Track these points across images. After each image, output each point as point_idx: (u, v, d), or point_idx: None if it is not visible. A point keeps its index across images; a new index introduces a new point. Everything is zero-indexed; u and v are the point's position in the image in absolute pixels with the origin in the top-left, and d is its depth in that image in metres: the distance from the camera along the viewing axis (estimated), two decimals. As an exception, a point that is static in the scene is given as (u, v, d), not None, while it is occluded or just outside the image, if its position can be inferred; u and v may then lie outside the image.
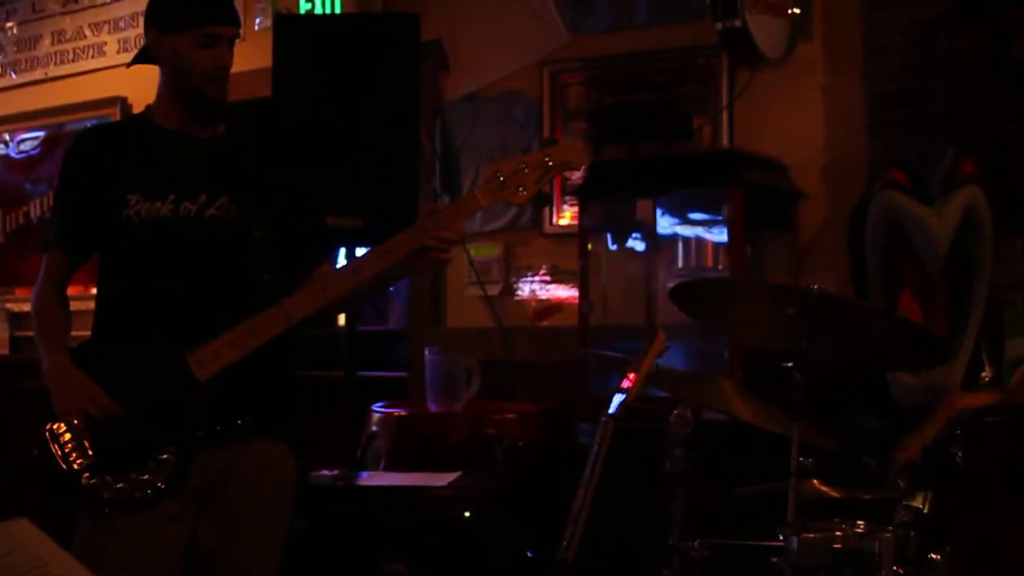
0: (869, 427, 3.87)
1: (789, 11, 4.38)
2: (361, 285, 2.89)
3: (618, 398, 2.59)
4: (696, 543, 3.00)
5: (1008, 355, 4.05)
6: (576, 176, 4.61)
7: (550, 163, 2.86)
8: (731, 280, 3.92)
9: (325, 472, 3.94)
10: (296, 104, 3.91)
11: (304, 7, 5.47)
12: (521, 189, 2.85)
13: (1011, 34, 4.28)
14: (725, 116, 4.71)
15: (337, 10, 5.38)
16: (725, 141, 4.70)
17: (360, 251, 3.86)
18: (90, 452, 2.80)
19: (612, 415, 2.56)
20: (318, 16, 5.27)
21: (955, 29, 4.37)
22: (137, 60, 3.11)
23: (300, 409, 3.11)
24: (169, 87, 3.00)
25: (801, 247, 4.53)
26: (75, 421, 2.78)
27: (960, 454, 3.03)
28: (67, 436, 2.81)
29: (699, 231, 4.62)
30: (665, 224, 4.61)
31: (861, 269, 4.04)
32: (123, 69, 6.25)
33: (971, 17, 4.35)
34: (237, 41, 3.00)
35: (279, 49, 3.96)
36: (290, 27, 4.16)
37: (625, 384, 2.61)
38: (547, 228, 5.17)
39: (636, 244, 4.75)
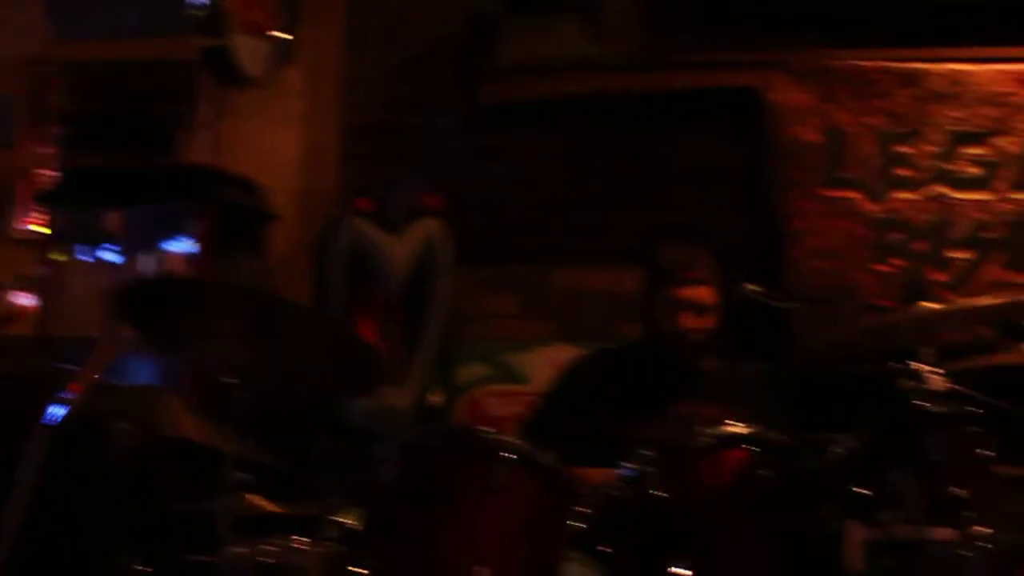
0: (319, 445, 3.96)
1: (274, 34, 4.45)
2: None
3: (59, 409, 2.55)
4: (139, 559, 2.97)
5: (459, 380, 4.29)
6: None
7: None
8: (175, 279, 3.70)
9: None
10: None
11: None
12: None
13: (480, 79, 4.56)
14: (204, 133, 4.70)
15: None
16: (203, 158, 4.68)
17: None
18: None
19: (49, 424, 2.52)
20: None
21: (430, 70, 4.61)
22: None
23: None
24: None
25: (271, 267, 4.59)
26: None
27: (390, 472, 3.17)
28: None
29: (170, 245, 4.57)
30: (136, 236, 4.53)
31: (323, 292, 4.15)
32: None
33: (445, 60, 4.60)
34: None
35: None
36: None
37: (68, 395, 2.57)
38: (11, 233, 4.93)
39: (106, 254, 4.64)
